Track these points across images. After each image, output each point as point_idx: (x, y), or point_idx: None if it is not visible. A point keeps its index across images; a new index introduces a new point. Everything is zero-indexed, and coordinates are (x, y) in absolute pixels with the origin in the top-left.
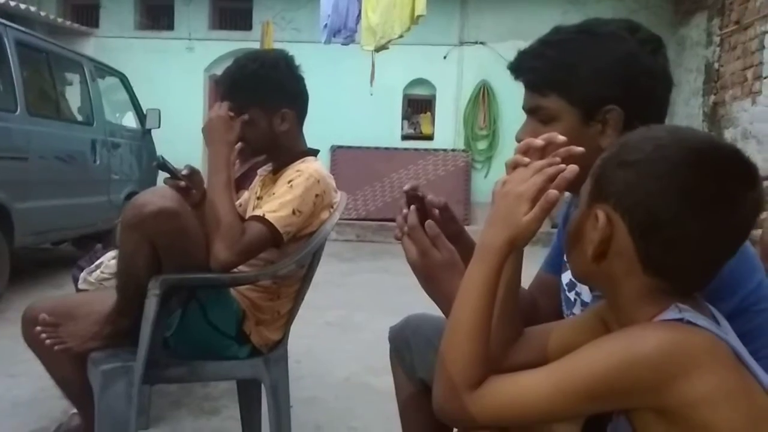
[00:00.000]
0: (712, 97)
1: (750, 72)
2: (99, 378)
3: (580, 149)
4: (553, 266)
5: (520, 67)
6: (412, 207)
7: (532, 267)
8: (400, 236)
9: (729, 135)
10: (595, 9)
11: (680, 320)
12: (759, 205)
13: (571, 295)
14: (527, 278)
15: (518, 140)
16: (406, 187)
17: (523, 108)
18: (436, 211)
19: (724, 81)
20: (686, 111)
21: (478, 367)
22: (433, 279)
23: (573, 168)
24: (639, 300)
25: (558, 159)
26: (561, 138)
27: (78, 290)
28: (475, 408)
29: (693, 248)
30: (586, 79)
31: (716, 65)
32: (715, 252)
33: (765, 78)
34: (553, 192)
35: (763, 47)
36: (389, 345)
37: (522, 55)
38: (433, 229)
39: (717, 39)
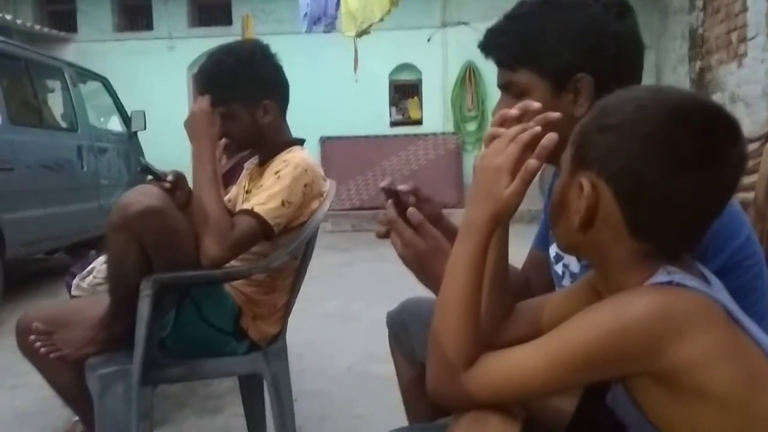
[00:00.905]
0: (699, 63)
1: (734, 35)
2: (97, 383)
3: (557, 114)
4: (543, 242)
5: (488, 45)
6: (389, 202)
7: (526, 246)
8: (382, 233)
9: (717, 99)
10: None
11: (670, 283)
12: (743, 161)
13: (559, 268)
14: (520, 257)
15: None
16: (382, 184)
17: (498, 85)
18: (413, 199)
19: (710, 46)
20: (673, 78)
21: (471, 346)
22: (423, 267)
23: (552, 136)
24: (628, 265)
25: (531, 124)
26: (535, 104)
27: (72, 297)
28: (470, 386)
29: (680, 209)
30: (552, 50)
31: (701, 30)
32: (702, 211)
33: (750, 40)
34: (532, 162)
35: (746, 9)
36: (388, 330)
37: (489, 33)
38: (415, 216)
39: (700, 4)
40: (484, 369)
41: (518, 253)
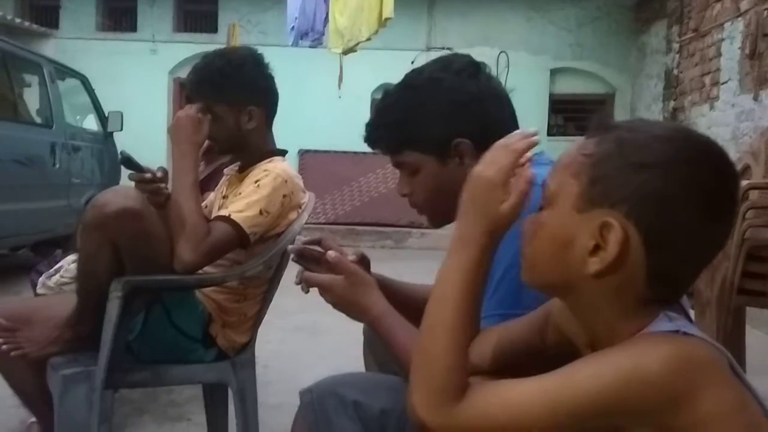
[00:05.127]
0: (672, 103)
1: (708, 78)
2: (59, 383)
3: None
4: None
5: (370, 139)
6: (298, 261)
7: None
8: (305, 289)
9: None
10: (558, 15)
11: (676, 331)
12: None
13: None
14: None
15: (399, 194)
16: (289, 247)
17: (392, 165)
18: (320, 249)
19: (684, 87)
20: (647, 116)
21: (460, 371)
22: (352, 304)
23: (536, 140)
24: (629, 311)
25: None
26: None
27: (36, 295)
28: (460, 420)
29: (703, 257)
30: (424, 128)
31: (676, 71)
32: (714, 255)
33: (722, 84)
34: (527, 172)
35: (720, 54)
36: (363, 337)
37: (368, 129)
38: (333, 257)
39: (676, 46)
40: (477, 403)
41: None
